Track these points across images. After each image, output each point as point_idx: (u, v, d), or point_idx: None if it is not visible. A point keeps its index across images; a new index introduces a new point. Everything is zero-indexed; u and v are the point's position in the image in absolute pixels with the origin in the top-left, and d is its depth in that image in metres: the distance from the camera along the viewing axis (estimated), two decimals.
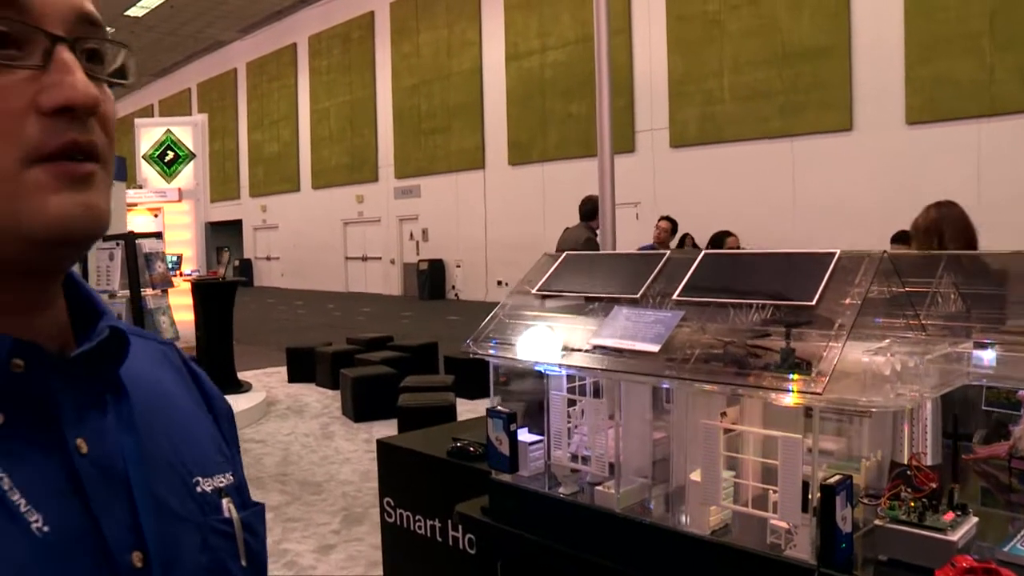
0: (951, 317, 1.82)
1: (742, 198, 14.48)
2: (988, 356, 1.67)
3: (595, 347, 1.72)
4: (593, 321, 1.86)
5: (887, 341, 1.58)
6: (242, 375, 9.62)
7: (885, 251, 1.54)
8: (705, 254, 1.79)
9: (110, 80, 0.67)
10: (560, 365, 1.81)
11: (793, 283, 1.59)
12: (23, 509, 0.60)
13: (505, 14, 20.05)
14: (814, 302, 1.50)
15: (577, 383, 1.95)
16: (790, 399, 1.43)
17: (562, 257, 2.07)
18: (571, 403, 1.94)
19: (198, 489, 0.75)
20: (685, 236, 12.49)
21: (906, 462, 1.58)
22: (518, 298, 2.07)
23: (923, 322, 1.71)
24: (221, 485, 0.78)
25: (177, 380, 0.85)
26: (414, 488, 2.80)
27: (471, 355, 1.98)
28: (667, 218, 9.76)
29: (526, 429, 2.00)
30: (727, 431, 1.57)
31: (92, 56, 0.65)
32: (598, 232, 7.29)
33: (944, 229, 3.78)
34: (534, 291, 2.04)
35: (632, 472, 1.89)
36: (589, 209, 7.52)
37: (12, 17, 0.59)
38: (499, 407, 1.94)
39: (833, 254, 1.56)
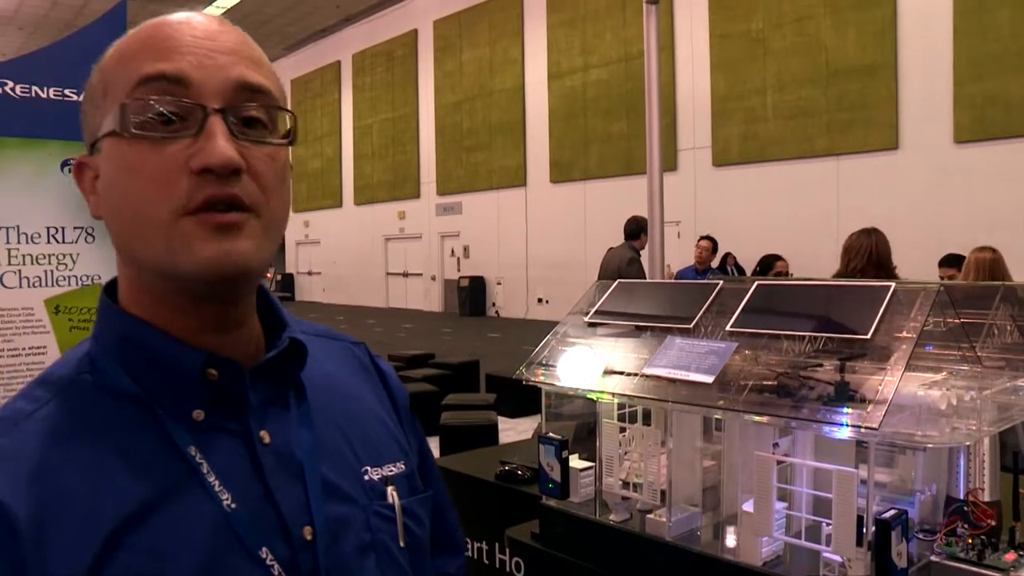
0: (1008, 349, 1.80)
1: (785, 217, 14.33)
2: None
3: (648, 376, 1.73)
4: (646, 349, 1.87)
5: (943, 374, 1.57)
6: None
7: (941, 284, 1.53)
8: (758, 284, 1.80)
9: (263, 141, 0.79)
10: (613, 393, 1.83)
11: (848, 315, 1.59)
12: (217, 489, 0.76)
13: (548, 32, 20.13)
14: (869, 335, 1.50)
15: (627, 409, 1.97)
16: (844, 432, 1.43)
17: (615, 284, 2.09)
18: (621, 429, 1.95)
19: (366, 477, 0.89)
20: (727, 256, 12.41)
21: (963, 497, 1.57)
22: (570, 325, 2.09)
23: (979, 354, 1.70)
24: (390, 474, 0.91)
25: (362, 377, 1.00)
26: (462, 510, 2.83)
27: (524, 382, 2.00)
28: (707, 237, 9.72)
29: (575, 455, 2.02)
30: (779, 462, 1.58)
31: (249, 121, 0.78)
32: (641, 252, 7.30)
33: (873, 250, 4.48)
34: (587, 318, 2.06)
35: (682, 500, 1.90)
36: (633, 229, 7.52)
37: (179, 95, 0.74)
38: (551, 434, 1.96)
39: (889, 286, 1.56)
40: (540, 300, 20.32)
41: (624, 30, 17.53)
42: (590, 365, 1.90)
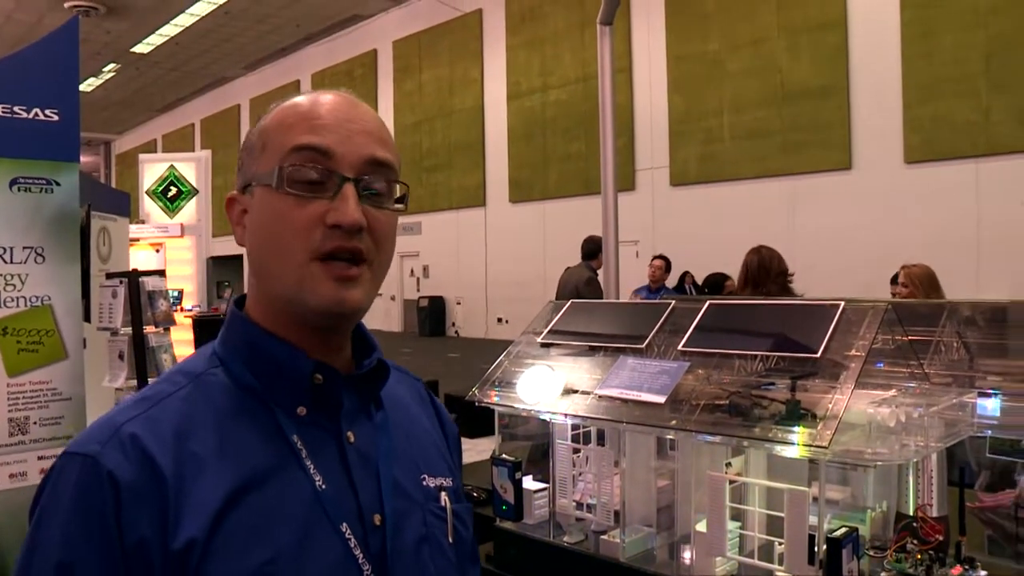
0: (954, 366, 1.83)
1: (741, 236, 14.32)
2: (992, 405, 1.67)
3: (601, 396, 1.72)
4: (599, 369, 1.86)
5: (892, 392, 1.58)
6: None
7: (889, 302, 1.55)
8: (710, 304, 1.81)
9: (382, 206, 0.98)
10: (566, 414, 1.81)
11: (799, 334, 1.59)
12: (312, 471, 0.94)
13: (507, 53, 20.25)
14: (819, 353, 1.51)
15: (581, 430, 1.96)
16: (796, 451, 1.43)
17: (568, 304, 2.08)
18: (575, 450, 1.94)
19: (424, 483, 1.06)
20: (685, 275, 12.52)
21: (912, 513, 1.58)
22: (524, 345, 2.08)
23: (927, 371, 1.72)
24: (441, 484, 1.08)
25: (421, 405, 1.18)
26: None
27: (477, 403, 1.98)
28: (661, 257, 9.77)
29: (530, 476, 2.00)
30: (732, 482, 1.57)
31: (375, 191, 0.98)
32: (599, 272, 7.32)
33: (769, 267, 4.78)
34: (540, 339, 2.05)
35: (637, 520, 1.89)
36: (591, 249, 7.54)
37: (322, 163, 0.95)
38: (504, 456, 1.94)
39: (838, 305, 1.57)
40: (500, 320, 20.29)
41: (583, 51, 17.67)
42: (544, 385, 1.89)
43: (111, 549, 0.84)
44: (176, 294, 12.94)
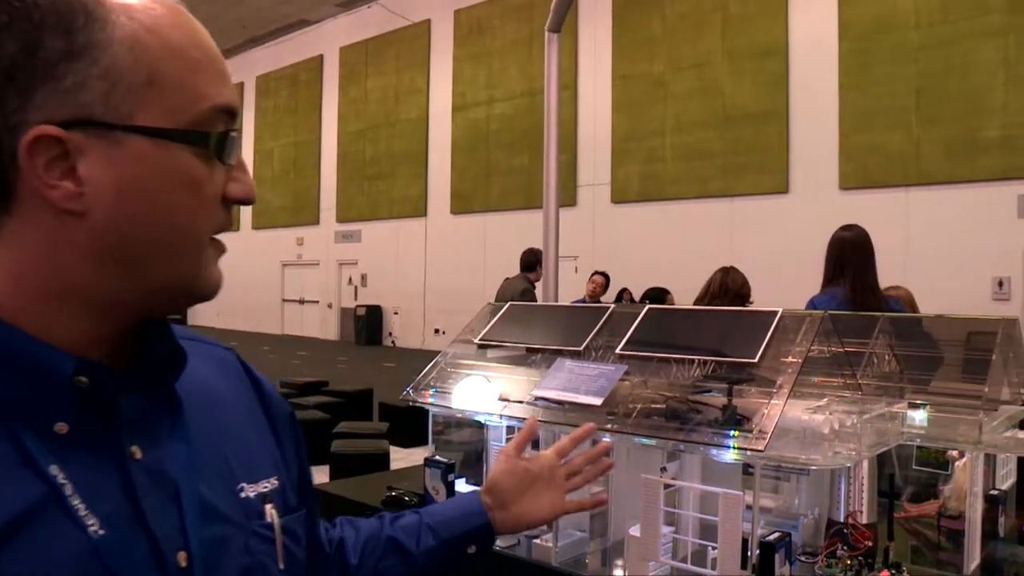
0: (886, 377, 1.85)
1: (680, 255, 14.69)
2: (920, 416, 1.70)
3: (537, 398, 1.70)
4: (535, 372, 1.85)
5: (826, 400, 1.60)
6: None
7: (827, 311, 1.56)
8: (649, 308, 1.80)
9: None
10: (501, 415, 1.79)
11: (736, 340, 1.60)
12: (82, 513, 0.67)
13: (454, 64, 20.24)
14: (756, 359, 1.51)
15: (516, 433, 1.94)
16: (731, 455, 1.43)
17: (505, 307, 2.06)
18: None
19: (243, 495, 0.83)
20: (623, 291, 12.61)
21: (842, 520, 1.59)
22: (460, 347, 2.05)
23: (860, 381, 1.74)
24: (265, 490, 0.86)
25: (235, 385, 0.94)
26: None
27: (410, 403, 1.95)
28: (601, 273, 9.84)
29: (464, 479, 1.97)
30: (667, 486, 1.57)
31: None
32: (537, 284, 7.33)
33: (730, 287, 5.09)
34: (476, 340, 2.02)
35: (570, 525, 1.87)
36: (530, 261, 7.55)
37: (233, 127, 0.77)
38: (438, 456, 1.90)
39: (775, 313, 1.58)
40: (437, 331, 20.18)
41: (529, 66, 17.76)
42: (479, 387, 1.86)
43: None
44: None
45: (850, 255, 4.13)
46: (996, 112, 11.67)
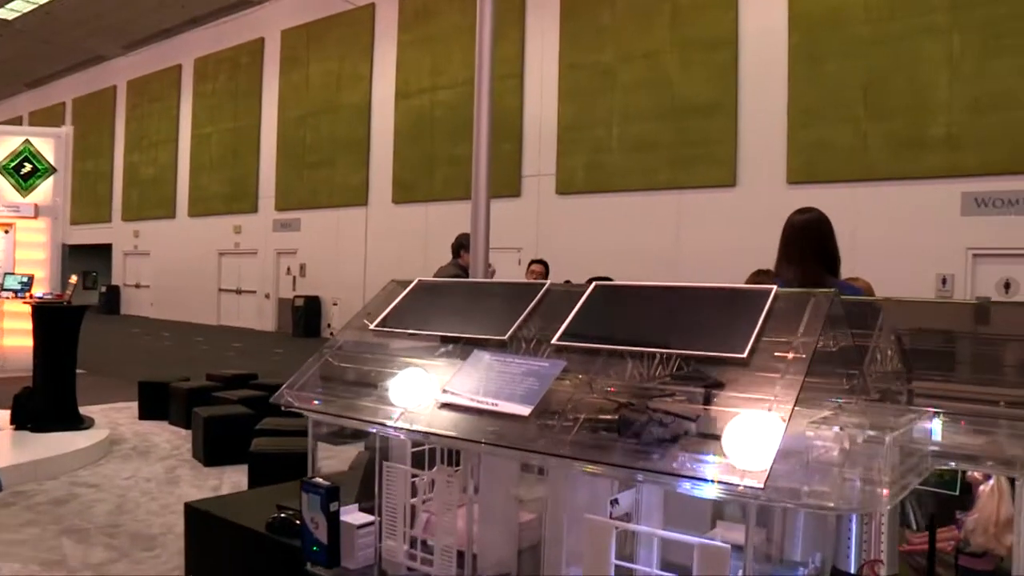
0: (895, 378, 1.45)
1: (626, 247, 14.49)
2: (952, 432, 1.30)
3: (442, 405, 1.25)
4: (448, 368, 1.39)
5: (831, 409, 1.18)
6: (87, 410, 8.70)
7: (837, 291, 1.14)
8: (596, 285, 1.36)
9: None
10: (397, 428, 1.33)
11: (716, 328, 1.16)
12: None
13: (398, 50, 19.77)
14: (745, 353, 1.09)
15: (426, 447, 1.49)
16: (713, 491, 1.00)
17: (413, 283, 1.61)
18: (413, 474, 1.47)
19: None
20: (566, 283, 12.25)
21: (854, 572, 1.18)
22: (354, 334, 1.59)
23: (867, 385, 1.33)
24: None
25: None
26: (226, 567, 2.24)
27: (283, 407, 1.49)
28: (540, 261, 9.46)
29: (356, 507, 1.52)
30: (619, 527, 1.14)
31: None
32: (467, 269, 6.87)
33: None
34: (372, 326, 1.56)
35: (491, 566, 1.44)
36: (457, 244, 7.09)
37: None
38: (316, 480, 1.44)
39: (769, 291, 1.15)
40: None
41: (472, 53, 17.29)
42: (375, 388, 1.41)
43: None
44: (25, 280, 11.90)
45: (798, 238, 3.76)
46: (941, 110, 11.68)
